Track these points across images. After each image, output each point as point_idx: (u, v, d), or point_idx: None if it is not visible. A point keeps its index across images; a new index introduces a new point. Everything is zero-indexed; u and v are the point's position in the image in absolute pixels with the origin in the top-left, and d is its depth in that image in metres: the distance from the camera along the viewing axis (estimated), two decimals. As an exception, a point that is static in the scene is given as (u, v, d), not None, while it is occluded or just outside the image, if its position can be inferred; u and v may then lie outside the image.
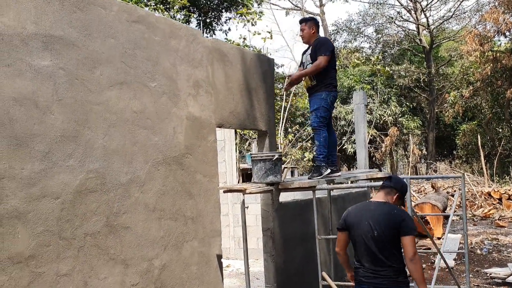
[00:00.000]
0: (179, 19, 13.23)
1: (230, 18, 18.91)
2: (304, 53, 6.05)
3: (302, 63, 6.07)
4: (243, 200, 5.01)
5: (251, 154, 4.99)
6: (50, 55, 3.47)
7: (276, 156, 4.74)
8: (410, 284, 3.80)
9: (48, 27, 3.47)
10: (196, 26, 15.82)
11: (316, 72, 5.62)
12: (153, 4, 12.23)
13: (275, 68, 6.13)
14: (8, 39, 3.21)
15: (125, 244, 3.93)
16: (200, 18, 18.08)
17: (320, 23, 25.99)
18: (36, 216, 3.29)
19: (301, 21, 6.05)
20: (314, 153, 5.69)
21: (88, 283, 3.60)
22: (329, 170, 5.51)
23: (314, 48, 5.77)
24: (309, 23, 5.94)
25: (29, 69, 3.33)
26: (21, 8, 3.30)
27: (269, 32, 13.58)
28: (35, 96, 3.35)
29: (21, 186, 3.21)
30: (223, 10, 18.96)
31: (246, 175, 15.60)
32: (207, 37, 5.18)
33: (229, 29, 15.82)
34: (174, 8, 12.62)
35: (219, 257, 4.97)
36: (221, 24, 19.49)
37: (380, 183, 5.52)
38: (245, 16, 12.70)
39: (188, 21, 13.88)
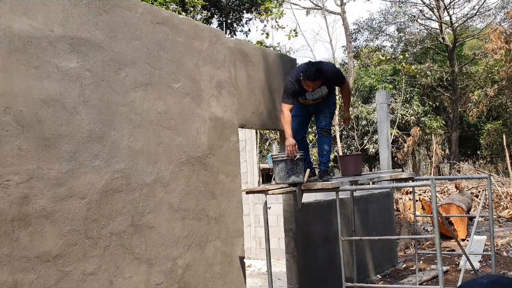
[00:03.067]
0: (199, 19, 13.29)
1: (250, 19, 18.92)
2: (301, 93, 5.02)
3: (307, 100, 5.14)
4: (266, 201, 5.00)
5: (272, 155, 4.89)
6: (76, 57, 3.53)
7: (298, 156, 4.67)
8: None
9: (74, 30, 3.52)
10: (217, 27, 15.88)
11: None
12: (174, 7, 12.31)
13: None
14: (37, 42, 3.28)
15: (150, 244, 3.96)
16: (221, 19, 18.14)
17: (341, 22, 25.77)
18: (63, 215, 3.34)
19: (318, 78, 4.81)
20: (323, 155, 5.31)
21: (114, 282, 3.64)
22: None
23: (334, 81, 5.13)
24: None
25: (56, 71, 3.38)
26: (49, 11, 3.36)
27: (294, 30, 13.45)
28: (62, 97, 3.41)
29: (49, 186, 3.27)
30: (244, 11, 19.00)
31: (266, 175, 15.59)
32: (229, 37, 5.20)
33: (249, 30, 15.87)
34: (195, 9, 12.67)
35: (242, 257, 4.98)
36: (241, 25, 19.53)
37: (404, 184, 5.45)
38: (270, 10, 12.56)
39: (209, 22, 13.92)
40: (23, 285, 3.08)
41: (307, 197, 7.54)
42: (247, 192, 5.16)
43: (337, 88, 5.66)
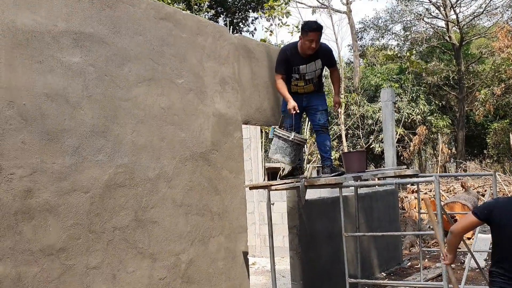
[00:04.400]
0: (204, 17, 13.31)
1: (256, 18, 18.94)
2: (297, 63, 4.96)
3: (300, 74, 5.02)
4: (269, 196, 5.00)
5: (274, 128, 4.70)
6: (80, 52, 3.54)
7: (291, 137, 4.50)
8: None
9: (78, 24, 3.54)
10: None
11: None
12: (179, 6, 12.34)
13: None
14: (40, 36, 3.29)
15: (153, 239, 3.98)
16: (227, 18, 18.17)
17: (347, 21, 25.70)
18: (67, 209, 3.36)
19: (320, 28, 4.88)
20: (327, 151, 5.26)
21: (117, 276, 3.66)
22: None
23: (328, 57, 5.13)
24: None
25: (60, 66, 3.40)
26: (52, 5, 3.38)
27: (297, 27, 13.46)
28: (65, 92, 3.42)
29: (52, 180, 3.29)
30: (250, 10, 19.02)
31: (272, 174, 15.59)
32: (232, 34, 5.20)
33: (255, 29, 15.84)
34: (201, 7, 12.70)
35: (245, 253, 4.98)
36: (247, 25, 19.56)
37: (408, 180, 5.42)
38: (273, 7, 12.56)
39: (215, 22, 13.94)
40: (26, 278, 3.10)
41: (312, 194, 7.54)
42: (251, 188, 5.16)
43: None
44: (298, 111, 4.76)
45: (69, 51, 3.48)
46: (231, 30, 16.20)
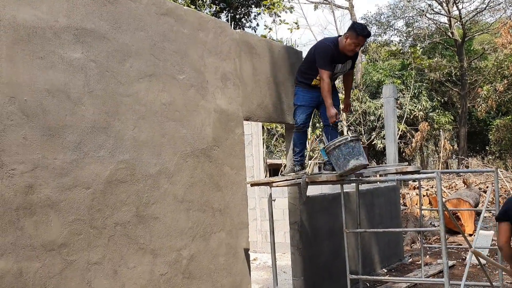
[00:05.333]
0: (207, 12, 13.30)
1: (259, 13, 18.88)
2: (336, 61, 4.95)
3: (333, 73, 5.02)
4: (270, 193, 5.00)
5: (324, 147, 4.36)
6: (81, 47, 3.54)
7: (349, 138, 4.11)
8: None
9: (79, 20, 3.54)
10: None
11: None
12: (182, 1, 12.32)
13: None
14: (41, 32, 3.29)
15: (154, 234, 3.98)
16: (229, 14, 18.12)
17: (349, 17, 25.61)
18: (68, 205, 3.37)
19: (370, 35, 5.05)
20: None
21: (118, 271, 3.67)
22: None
23: (355, 60, 5.15)
24: None
25: (61, 61, 3.40)
26: (53, 1, 3.38)
27: (296, 23, 13.47)
28: (67, 87, 3.42)
29: (54, 176, 3.29)
30: (252, 6, 18.96)
31: (273, 171, 15.60)
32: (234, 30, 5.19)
33: (258, 25, 15.77)
34: (204, 3, 12.69)
35: (246, 249, 4.99)
36: (250, 20, 19.50)
37: (410, 176, 5.42)
38: (273, 3, 12.59)
39: (218, 17, 13.93)
40: (28, 273, 3.11)
41: (313, 191, 7.54)
42: (252, 185, 5.17)
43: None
44: (340, 120, 4.54)
45: (71, 46, 3.47)
46: (233, 26, 16.19)
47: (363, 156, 4.15)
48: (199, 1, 12.63)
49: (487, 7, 26.31)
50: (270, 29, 13.37)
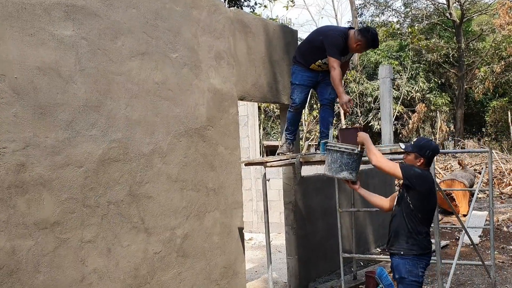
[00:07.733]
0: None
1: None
2: (343, 53, 5.02)
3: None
4: (264, 173, 5.01)
5: (326, 142, 4.32)
6: (72, 24, 3.49)
7: (356, 151, 4.05)
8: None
9: (69, -3, 3.48)
10: (224, 1, 15.67)
11: None
12: None
13: (299, 41, 5.93)
14: (31, 8, 3.24)
15: (148, 213, 3.99)
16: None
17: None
18: (61, 183, 3.36)
19: (377, 46, 5.26)
20: (330, 127, 5.18)
21: (112, 250, 3.68)
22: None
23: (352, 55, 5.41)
24: None
25: (51, 39, 3.36)
26: (43, -23, 3.31)
27: (291, 0, 13.31)
28: (58, 65, 3.39)
29: (46, 154, 3.28)
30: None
31: (270, 152, 15.62)
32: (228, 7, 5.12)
33: (256, 4, 15.51)
34: None
35: (241, 228, 5.01)
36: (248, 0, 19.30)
37: (402, 156, 5.42)
38: None
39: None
40: (21, 251, 3.12)
41: (308, 171, 7.55)
42: (246, 164, 5.17)
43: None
44: (351, 109, 4.62)
45: (61, 24, 3.43)
46: (230, 4, 16.00)
47: (356, 172, 4.15)
48: None
49: (486, -12, 26.08)
50: (265, 6, 13.22)
